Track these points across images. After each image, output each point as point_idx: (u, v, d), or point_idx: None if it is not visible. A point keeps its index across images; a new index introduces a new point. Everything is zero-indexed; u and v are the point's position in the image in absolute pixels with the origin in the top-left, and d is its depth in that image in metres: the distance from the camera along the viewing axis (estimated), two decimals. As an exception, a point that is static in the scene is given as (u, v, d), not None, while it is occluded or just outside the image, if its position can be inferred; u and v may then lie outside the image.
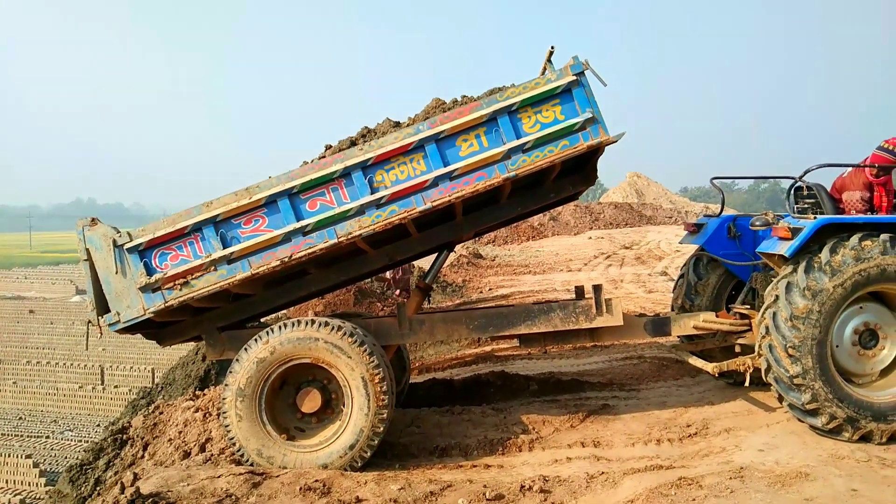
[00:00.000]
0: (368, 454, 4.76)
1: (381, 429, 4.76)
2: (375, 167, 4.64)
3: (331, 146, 5.09)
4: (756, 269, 5.83)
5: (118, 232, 4.69)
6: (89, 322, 4.80)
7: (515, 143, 4.63)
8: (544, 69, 4.82)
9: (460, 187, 4.65)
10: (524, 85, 4.66)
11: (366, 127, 5.15)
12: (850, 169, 5.53)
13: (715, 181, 6.42)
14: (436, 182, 4.64)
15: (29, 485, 15.34)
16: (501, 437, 5.37)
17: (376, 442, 4.77)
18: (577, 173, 5.46)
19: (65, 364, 23.21)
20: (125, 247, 4.65)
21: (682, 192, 64.49)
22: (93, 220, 4.74)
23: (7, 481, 15.62)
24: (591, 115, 4.63)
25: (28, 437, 19.15)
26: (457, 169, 4.63)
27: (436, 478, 4.64)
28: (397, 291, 11.95)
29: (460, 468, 4.91)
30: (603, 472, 4.61)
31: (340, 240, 4.65)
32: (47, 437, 19.08)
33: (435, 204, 4.65)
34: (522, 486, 4.39)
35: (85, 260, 4.70)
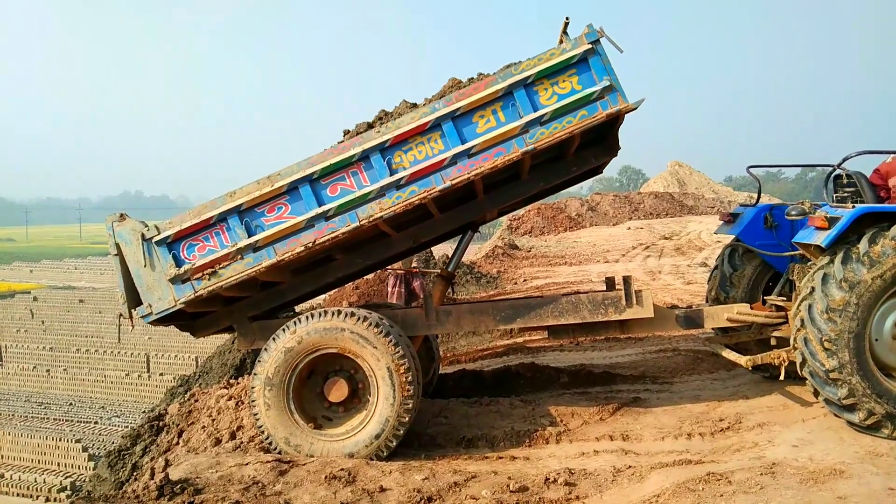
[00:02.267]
0: (394, 444, 4.78)
1: (407, 419, 4.78)
2: (393, 149, 4.64)
3: (349, 131, 5.11)
4: (794, 259, 5.67)
5: (146, 226, 4.77)
6: (120, 315, 4.92)
7: (533, 115, 4.58)
8: (561, 41, 4.75)
9: (479, 164, 4.63)
10: (539, 57, 4.60)
11: (383, 110, 5.15)
12: (892, 156, 5.32)
13: (752, 170, 6.26)
14: (454, 160, 4.62)
15: (78, 468, 15.88)
16: (529, 428, 5.34)
17: (402, 432, 4.79)
18: (598, 145, 5.39)
19: (112, 352, 23.89)
20: (153, 240, 4.74)
21: (727, 182, 63.15)
22: (121, 215, 4.84)
23: (59, 464, 16.19)
24: (608, 84, 4.55)
25: (78, 422, 19.78)
26: (475, 146, 4.61)
27: (461, 468, 4.64)
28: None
29: (486, 459, 4.90)
30: (630, 466, 4.55)
31: (362, 223, 4.67)
32: (96, 422, 19.68)
33: (454, 182, 4.63)
34: (547, 479, 4.35)
35: (115, 255, 4.80)
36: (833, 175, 5.42)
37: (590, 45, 4.55)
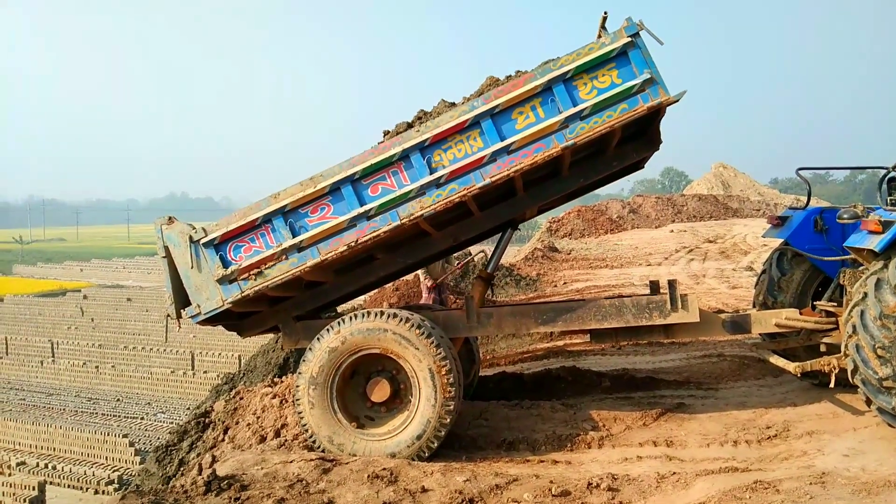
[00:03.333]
0: (435, 445, 4.81)
1: (448, 420, 4.79)
2: (433, 147, 4.67)
3: (388, 131, 5.15)
4: (844, 264, 5.52)
5: (194, 228, 4.88)
6: (168, 316, 5.04)
7: (572, 110, 4.55)
8: (599, 35, 4.71)
9: (518, 160, 4.62)
10: (578, 51, 4.57)
11: (421, 110, 5.18)
12: None
13: (802, 172, 6.12)
14: (493, 157, 4.62)
15: (125, 462, 16.32)
16: (570, 433, 5.30)
17: (443, 433, 4.81)
18: (639, 139, 5.35)
19: (158, 350, 24.52)
20: (201, 242, 4.83)
21: (772, 184, 61.78)
22: (170, 218, 4.96)
23: (106, 458, 16.66)
24: (649, 76, 4.50)
25: (125, 417, 20.34)
26: (514, 142, 4.60)
27: (502, 471, 4.64)
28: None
29: (527, 463, 4.88)
30: (674, 473, 4.49)
31: (403, 222, 4.70)
32: (142, 418, 20.21)
33: (494, 179, 4.64)
34: (590, 484, 4.32)
35: (163, 257, 4.92)
36: (887, 177, 5.26)
37: (629, 39, 4.51)
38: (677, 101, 4.61)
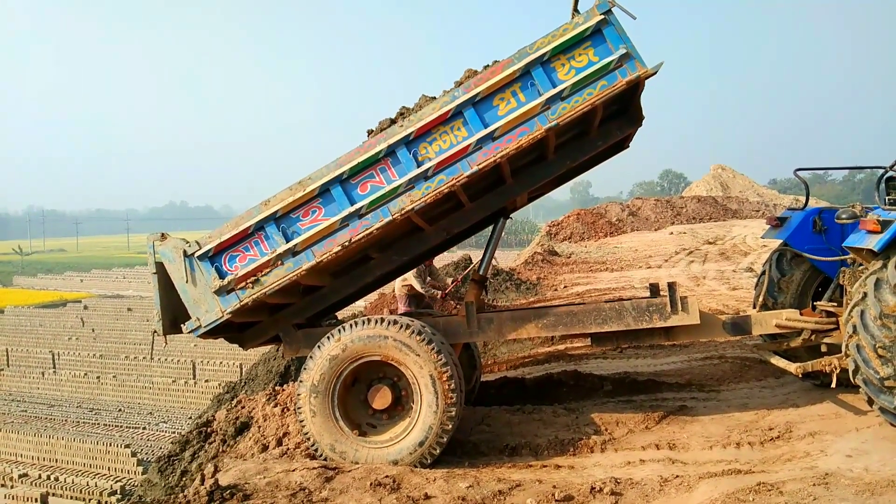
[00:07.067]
0: (438, 451, 4.80)
1: (450, 426, 4.79)
2: (418, 140, 4.69)
3: (372, 130, 5.17)
4: (844, 264, 5.52)
5: (187, 242, 4.89)
6: (154, 332, 5.04)
7: (552, 91, 4.58)
8: (573, 16, 4.74)
9: (503, 146, 4.64)
10: (552, 34, 4.60)
11: (403, 106, 5.21)
12: None
13: (800, 172, 6.13)
14: (479, 145, 4.65)
15: (128, 472, 16.27)
16: (573, 437, 5.30)
17: (445, 439, 4.81)
18: (622, 116, 5.39)
19: (159, 359, 24.46)
20: (195, 255, 4.84)
21: (771, 185, 61.82)
22: (162, 234, 4.96)
23: (109, 469, 16.61)
24: (625, 52, 4.54)
25: (127, 427, 20.29)
26: (497, 128, 4.63)
27: (505, 477, 4.63)
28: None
29: (530, 468, 4.88)
30: (677, 476, 4.48)
31: (395, 216, 4.71)
32: (144, 428, 20.16)
33: (481, 166, 4.66)
34: (593, 488, 4.32)
35: (154, 273, 4.92)
36: (885, 177, 5.27)
37: (602, 16, 4.54)
38: (655, 73, 4.65)
